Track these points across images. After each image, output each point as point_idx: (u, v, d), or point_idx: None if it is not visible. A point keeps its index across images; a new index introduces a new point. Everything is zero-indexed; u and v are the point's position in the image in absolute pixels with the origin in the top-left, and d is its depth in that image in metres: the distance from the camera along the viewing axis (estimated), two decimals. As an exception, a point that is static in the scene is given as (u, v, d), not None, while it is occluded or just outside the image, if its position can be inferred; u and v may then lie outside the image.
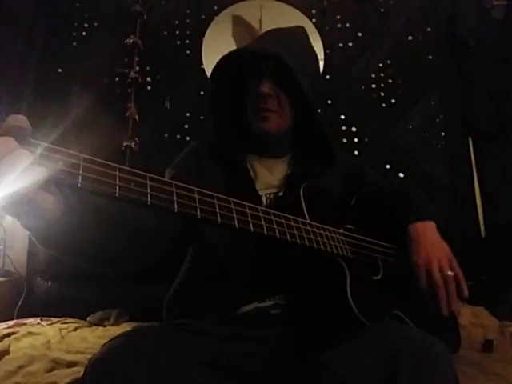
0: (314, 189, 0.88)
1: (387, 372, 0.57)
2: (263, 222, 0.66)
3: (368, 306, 0.73)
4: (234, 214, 0.63)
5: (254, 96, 0.93)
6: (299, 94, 0.91)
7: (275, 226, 0.68)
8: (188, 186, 0.59)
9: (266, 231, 0.66)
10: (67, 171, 0.48)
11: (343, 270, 0.77)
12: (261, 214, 0.67)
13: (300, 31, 1.04)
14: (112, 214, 0.63)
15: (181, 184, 0.58)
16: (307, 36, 1.05)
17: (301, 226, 0.73)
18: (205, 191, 0.61)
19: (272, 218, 0.69)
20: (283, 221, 0.70)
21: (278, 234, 0.68)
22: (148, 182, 0.55)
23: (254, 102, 0.93)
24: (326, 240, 0.77)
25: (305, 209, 0.81)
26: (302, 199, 0.83)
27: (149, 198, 0.53)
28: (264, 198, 0.91)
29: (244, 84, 0.97)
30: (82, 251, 0.63)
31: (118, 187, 0.51)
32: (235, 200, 0.64)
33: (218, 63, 0.96)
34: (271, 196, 0.92)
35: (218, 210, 0.60)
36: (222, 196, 0.63)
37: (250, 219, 0.64)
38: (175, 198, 0.56)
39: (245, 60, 0.95)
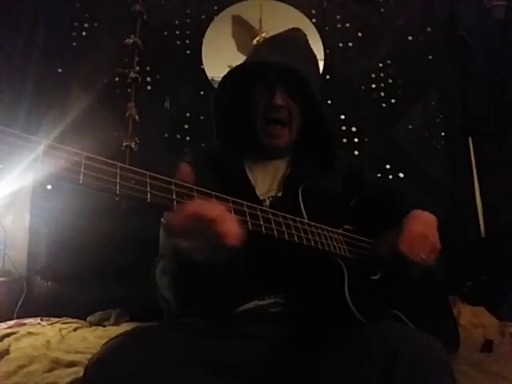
0: (313, 189, 0.88)
1: (385, 372, 0.57)
2: (261, 221, 0.66)
3: (366, 305, 0.74)
4: (232, 213, 0.63)
5: (265, 106, 0.93)
6: (308, 99, 0.92)
7: (273, 226, 0.68)
8: (187, 185, 0.60)
9: (264, 230, 0.66)
10: (69, 169, 0.49)
11: (341, 269, 0.77)
12: (259, 212, 0.67)
13: (301, 35, 1.05)
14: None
15: (180, 182, 0.59)
16: (307, 38, 1.06)
17: (299, 225, 0.74)
18: (204, 190, 0.62)
19: (270, 217, 0.69)
20: (281, 220, 0.71)
21: (276, 233, 0.68)
22: (148, 179, 0.56)
23: (266, 113, 0.93)
24: (324, 240, 0.77)
25: (303, 209, 0.81)
26: (300, 200, 0.83)
27: (148, 196, 0.55)
28: (267, 202, 0.92)
29: (251, 91, 0.96)
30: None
31: (118, 185, 0.52)
32: (234, 199, 0.65)
33: (230, 72, 0.96)
34: (271, 199, 0.93)
35: None
36: (220, 195, 0.63)
37: (248, 218, 0.65)
38: (174, 197, 0.57)
39: (255, 69, 0.95)
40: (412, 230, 0.80)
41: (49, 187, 1.78)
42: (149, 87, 1.98)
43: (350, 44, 2.10)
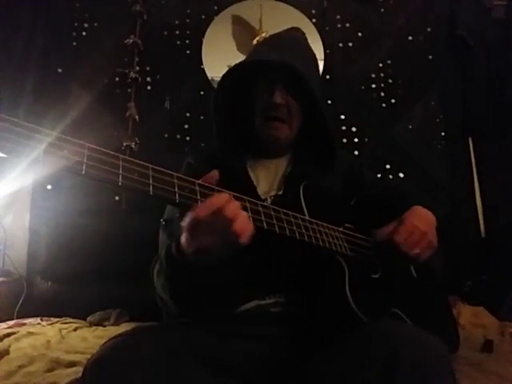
0: (314, 188, 0.88)
1: (385, 371, 0.57)
2: (263, 217, 0.66)
3: (367, 303, 0.73)
4: None
5: (265, 105, 0.93)
6: (308, 97, 0.92)
7: (275, 221, 0.68)
8: (190, 179, 0.61)
9: (265, 225, 0.66)
10: (72, 159, 0.50)
11: (342, 267, 0.77)
12: (260, 208, 0.67)
13: (300, 34, 1.05)
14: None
15: (182, 176, 0.60)
16: (306, 37, 1.06)
17: (300, 222, 0.74)
18: (206, 184, 0.62)
19: (272, 213, 0.69)
20: (283, 216, 0.71)
21: (277, 229, 0.68)
22: (150, 172, 0.56)
23: (265, 111, 0.94)
24: (325, 237, 0.77)
25: (304, 207, 0.81)
26: (301, 198, 0.83)
27: (151, 188, 0.55)
28: (268, 201, 0.92)
29: (251, 89, 0.97)
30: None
31: (121, 176, 0.53)
32: (236, 194, 0.65)
33: (230, 71, 0.96)
34: (273, 198, 0.93)
35: None
36: (222, 190, 0.64)
37: (249, 214, 0.65)
38: (177, 190, 0.58)
39: (254, 68, 0.95)
40: (411, 224, 0.80)
41: (49, 187, 1.78)
42: (149, 87, 1.98)
43: (350, 44, 2.09)
